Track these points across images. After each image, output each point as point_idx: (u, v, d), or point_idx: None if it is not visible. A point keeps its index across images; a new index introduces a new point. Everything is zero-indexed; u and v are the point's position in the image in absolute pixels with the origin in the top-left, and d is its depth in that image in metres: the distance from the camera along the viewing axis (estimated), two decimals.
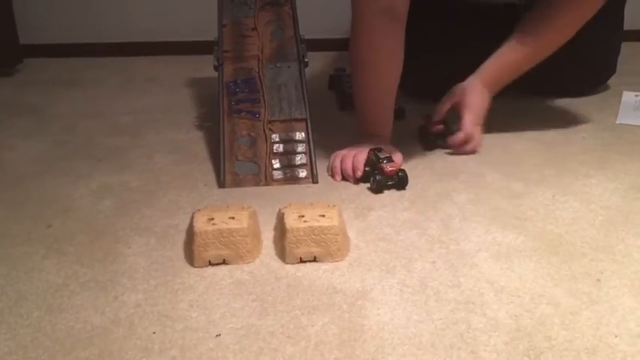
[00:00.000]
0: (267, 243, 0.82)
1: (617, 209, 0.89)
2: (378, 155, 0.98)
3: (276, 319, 0.67)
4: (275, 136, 1.05)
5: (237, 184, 1.00)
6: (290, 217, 0.78)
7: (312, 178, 1.01)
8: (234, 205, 0.83)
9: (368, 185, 0.98)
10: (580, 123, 1.25)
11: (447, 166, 1.05)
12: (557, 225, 0.85)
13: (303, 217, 0.78)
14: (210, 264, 0.77)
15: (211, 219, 0.78)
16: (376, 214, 0.90)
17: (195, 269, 0.76)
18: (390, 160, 0.97)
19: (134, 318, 0.67)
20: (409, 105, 1.28)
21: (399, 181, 0.97)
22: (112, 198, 0.96)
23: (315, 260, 0.77)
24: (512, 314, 0.67)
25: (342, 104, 1.36)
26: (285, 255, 0.77)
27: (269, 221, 0.86)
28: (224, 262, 0.77)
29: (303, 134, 1.06)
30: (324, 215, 0.79)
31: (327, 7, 1.76)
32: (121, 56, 1.85)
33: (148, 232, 0.86)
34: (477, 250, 0.79)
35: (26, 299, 0.71)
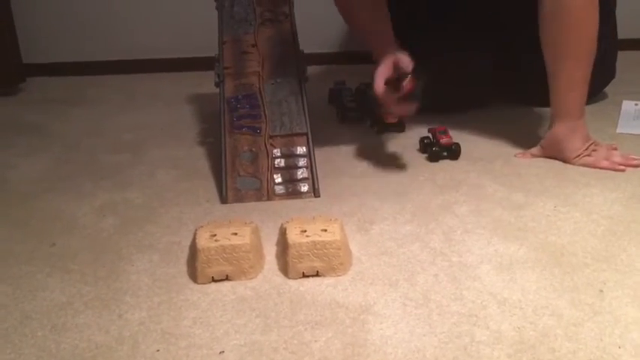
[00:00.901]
0: (270, 258, 0.82)
1: (618, 219, 0.89)
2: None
3: (280, 334, 0.67)
4: (276, 151, 1.06)
5: (240, 199, 1.00)
6: (292, 232, 0.79)
7: (314, 192, 1.01)
8: (236, 221, 0.83)
9: (371, 195, 0.98)
10: None
11: (447, 178, 1.06)
12: (559, 236, 0.86)
13: (305, 231, 0.79)
14: (214, 280, 0.77)
15: (214, 235, 0.78)
16: (378, 227, 0.90)
17: (199, 286, 0.76)
18: (446, 133, 1.12)
19: (138, 336, 0.67)
20: (410, 116, 1.28)
21: (452, 152, 1.11)
22: (115, 215, 0.96)
23: (318, 275, 0.77)
24: (516, 326, 0.67)
25: (342, 118, 1.37)
26: (288, 270, 0.77)
27: (271, 236, 0.87)
28: (227, 278, 0.77)
29: (304, 148, 1.06)
30: (326, 230, 0.79)
31: (326, 21, 1.77)
32: (123, 74, 1.86)
33: (151, 249, 0.86)
34: (479, 262, 0.80)
35: (31, 318, 0.71)
